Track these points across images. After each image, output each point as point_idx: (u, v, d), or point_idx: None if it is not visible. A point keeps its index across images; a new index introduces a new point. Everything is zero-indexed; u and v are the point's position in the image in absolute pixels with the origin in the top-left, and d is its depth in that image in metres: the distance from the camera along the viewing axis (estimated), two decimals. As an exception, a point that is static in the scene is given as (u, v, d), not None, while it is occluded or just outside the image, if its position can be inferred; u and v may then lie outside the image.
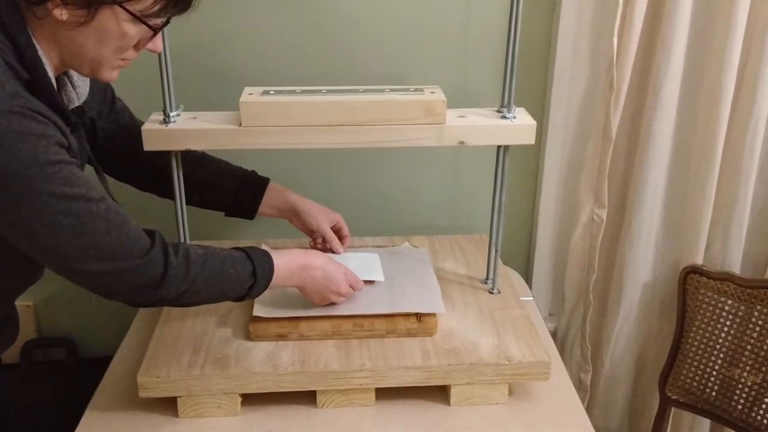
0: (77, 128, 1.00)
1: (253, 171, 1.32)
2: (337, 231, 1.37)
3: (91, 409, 1.12)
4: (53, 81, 0.91)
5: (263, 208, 1.31)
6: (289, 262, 1.10)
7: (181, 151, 1.18)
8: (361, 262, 1.33)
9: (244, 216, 1.31)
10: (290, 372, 1.10)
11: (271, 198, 1.31)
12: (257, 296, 1.08)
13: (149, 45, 0.94)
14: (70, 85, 1.01)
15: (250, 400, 1.12)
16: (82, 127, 1.05)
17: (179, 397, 1.09)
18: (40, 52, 0.88)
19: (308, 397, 1.13)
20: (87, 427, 1.09)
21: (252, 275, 1.04)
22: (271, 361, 1.11)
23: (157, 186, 1.26)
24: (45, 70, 0.88)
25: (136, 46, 0.94)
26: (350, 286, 1.18)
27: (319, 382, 1.11)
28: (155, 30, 0.91)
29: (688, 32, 1.40)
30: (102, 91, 1.17)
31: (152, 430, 1.08)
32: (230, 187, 1.29)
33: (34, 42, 0.87)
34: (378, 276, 1.29)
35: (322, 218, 1.34)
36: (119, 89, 1.48)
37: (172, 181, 1.20)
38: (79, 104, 1.03)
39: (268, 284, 1.07)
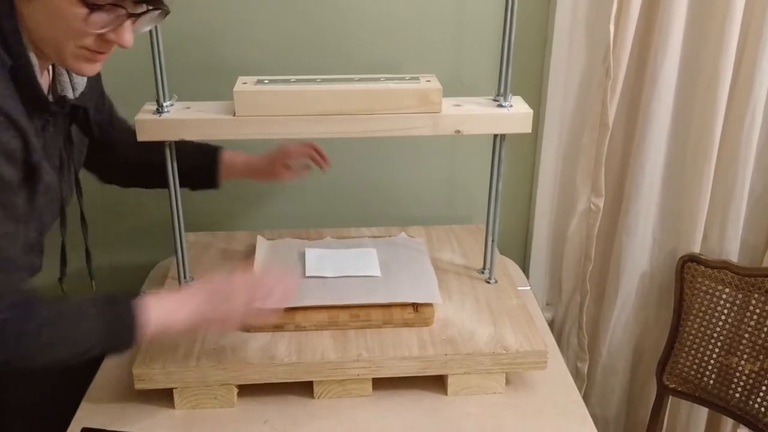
0: (57, 118, 0.98)
1: (205, 143, 1.28)
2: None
3: (87, 401, 1.12)
4: (36, 68, 0.90)
5: (226, 172, 1.31)
6: (178, 311, 0.96)
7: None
8: (357, 258, 1.32)
9: (209, 186, 1.32)
10: (286, 363, 1.09)
11: (229, 158, 1.31)
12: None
13: (112, 36, 0.89)
14: (66, 75, 0.99)
15: (247, 391, 1.12)
16: (73, 120, 1.04)
17: (175, 388, 1.09)
18: (25, 39, 0.86)
19: (305, 388, 1.13)
20: (83, 419, 1.08)
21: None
22: (267, 352, 1.11)
23: (136, 179, 1.28)
24: (28, 56, 0.87)
25: (102, 37, 0.88)
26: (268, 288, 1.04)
27: (316, 373, 1.11)
28: (90, 8, 0.84)
29: (685, 19, 1.39)
30: (97, 83, 1.15)
31: (148, 422, 1.08)
32: (186, 162, 1.23)
33: (19, 27, 0.86)
34: (374, 271, 1.29)
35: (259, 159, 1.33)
36: (112, 79, 1.47)
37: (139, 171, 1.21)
38: (75, 95, 1.02)
39: (131, 346, 0.94)
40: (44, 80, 0.98)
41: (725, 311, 1.48)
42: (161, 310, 0.94)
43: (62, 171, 1.05)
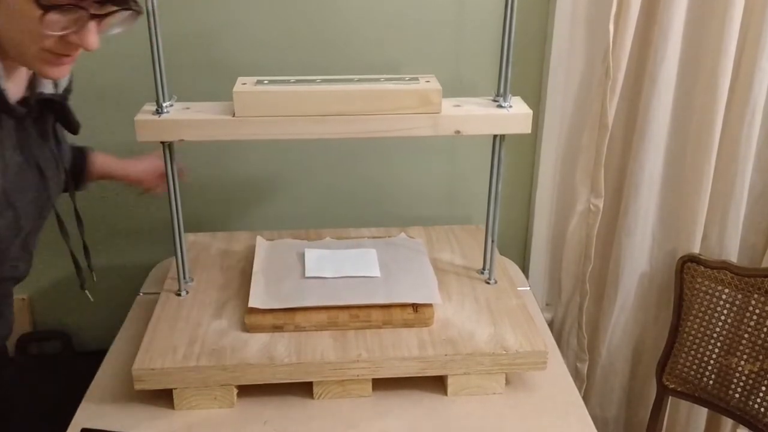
0: (24, 119, 0.96)
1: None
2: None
3: (87, 402, 1.12)
4: None
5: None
6: None
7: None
8: (356, 258, 1.32)
9: (76, 187, 1.20)
10: (286, 363, 1.09)
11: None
12: None
13: (74, 38, 0.84)
14: None
15: (246, 391, 1.12)
16: (50, 116, 1.01)
17: (175, 389, 1.09)
18: None
19: (304, 389, 1.12)
20: (83, 419, 1.08)
21: None
22: (267, 353, 1.11)
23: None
24: None
25: (64, 39, 0.84)
26: None
27: (316, 374, 1.11)
28: (45, 8, 0.80)
29: (685, 19, 1.40)
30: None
31: (148, 423, 1.08)
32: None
33: None
34: (374, 272, 1.28)
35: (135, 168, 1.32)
36: (113, 80, 1.47)
37: None
38: (58, 90, 1.00)
39: None
40: (21, 77, 0.96)
41: (725, 311, 1.48)
42: None
43: (48, 170, 1.03)
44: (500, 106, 1.17)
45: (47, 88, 1.00)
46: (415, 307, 1.19)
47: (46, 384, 1.61)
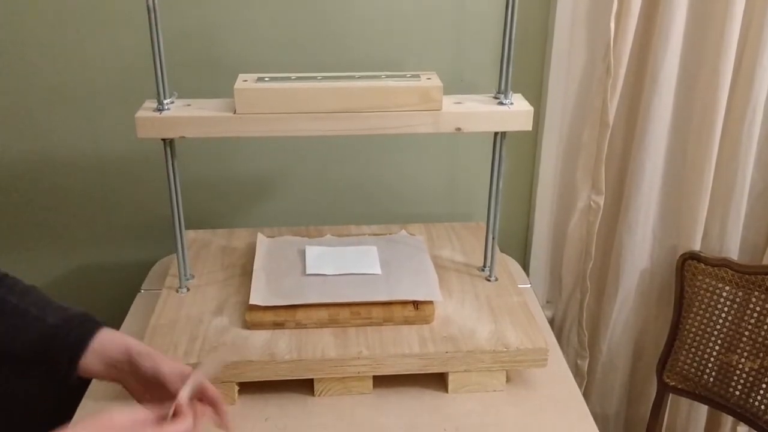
0: None
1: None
2: (202, 395, 0.89)
3: (88, 399, 1.12)
4: None
5: (90, 361, 0.91)
6: None
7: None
8: (357, 255, 1.32)
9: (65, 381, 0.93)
10: (287, 360, 1.09)
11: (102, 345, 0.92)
12: None
13: None
14: None
15: (247, 388, 1.12)
16: None
17: (176, 386, 1.09)
18: None
19: (305, 386, 1.13)
20: (83, 416, 1.08)
21: None
22: (268, 350, 1.11)
23: None
24: None
25: None
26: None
27: (317, 371, 1.11)
28: None
29: (686, 17, 1.39)
30: None
31: (149, 420, 1.08)
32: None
33: None
34: (375, 269, 1.28)
35: (168, 367, 0.91)
36: (112, 77, 1.47)
37: None
38: None
39: None
40: None
41: (725, 309, 1.48)
42: None
43: None
44: (501, 104, 1.17)
45: None
46: (415, 304, 1.19)
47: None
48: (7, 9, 1.39)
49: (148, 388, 0.92)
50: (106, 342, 0.92)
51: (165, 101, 1.13)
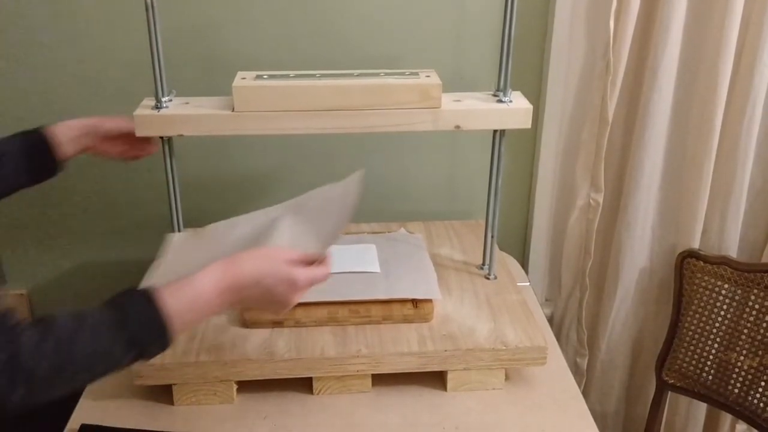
0: None
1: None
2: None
3: (86, 398, 1.12)
4: None
5: (64, 149, 1.10)
6: (200, 296, 0.85)
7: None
8: (356, 254, 1.32)
9: (50, 174, 1.11)
10: (286, 359, 1.09)
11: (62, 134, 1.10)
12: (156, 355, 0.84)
13: None
14: None
15: (246, 387, 1.12)
16: None
17: (174, 384, 1.09)
18: None
19: (304, 384, 1.12)
20: (82, 415, 1.08)
21: (128, 347, 0.80)
22: (266, 348, 1.10)
23: None
24: None
25: None
26: (307, 281, 0.93)
27: (315, 369, 1.10)
28: None
29: (686, 14, 1.39)
30: None
31: (147, 418, 1.08)
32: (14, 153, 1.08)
33: None
34: (374, 267, 1.28)
35: (123, 120, 1.13)
36: (111, 75, 1.47)
37: None
38: None
39: (166, 342, 0.83)
40: None
41: (724, 307, 1.47)
42: (183, 298, 0.83)
43: None
44: (500, 101, 1.17)
45: None
46: (414, 302, 1.19)
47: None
48: None
49: (114, 144, 1.16)
50: (65, 125, 1.12)
51: (163, 99, 1.12)
